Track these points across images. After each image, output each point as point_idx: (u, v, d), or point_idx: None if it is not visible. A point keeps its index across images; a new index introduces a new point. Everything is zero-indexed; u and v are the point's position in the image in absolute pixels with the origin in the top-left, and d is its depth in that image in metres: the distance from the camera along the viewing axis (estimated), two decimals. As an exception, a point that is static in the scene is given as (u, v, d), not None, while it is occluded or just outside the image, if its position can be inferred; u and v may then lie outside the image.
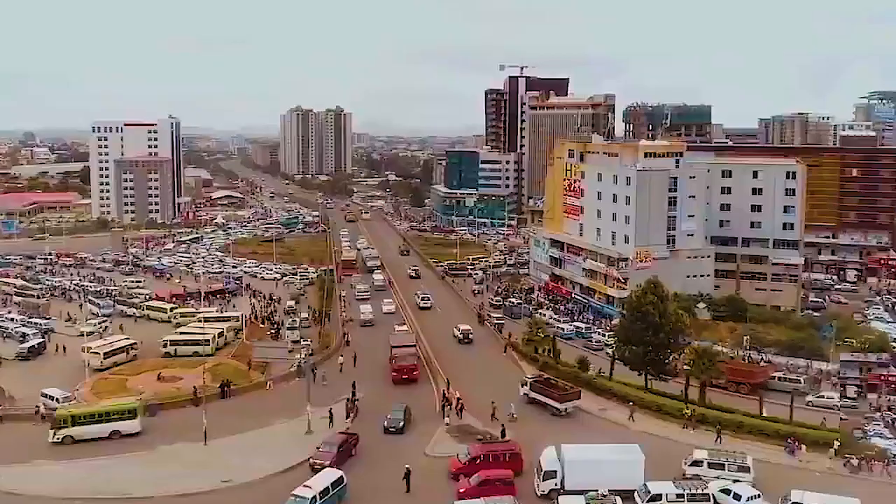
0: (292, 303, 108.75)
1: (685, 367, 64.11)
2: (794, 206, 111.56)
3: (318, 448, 47.84)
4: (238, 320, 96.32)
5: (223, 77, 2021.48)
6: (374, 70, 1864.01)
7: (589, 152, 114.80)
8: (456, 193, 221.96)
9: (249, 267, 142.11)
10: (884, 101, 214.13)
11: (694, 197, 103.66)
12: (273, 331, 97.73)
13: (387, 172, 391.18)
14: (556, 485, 43.79)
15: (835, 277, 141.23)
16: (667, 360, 64.74)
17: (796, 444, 50.61)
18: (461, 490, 42.76)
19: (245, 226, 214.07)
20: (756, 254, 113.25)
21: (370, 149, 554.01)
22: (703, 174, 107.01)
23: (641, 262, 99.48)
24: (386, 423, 53.75)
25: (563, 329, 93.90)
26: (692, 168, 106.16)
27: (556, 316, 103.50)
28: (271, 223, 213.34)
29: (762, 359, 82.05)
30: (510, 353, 74.06)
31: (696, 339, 74.57)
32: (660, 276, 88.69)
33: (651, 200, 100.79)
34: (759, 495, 42.41)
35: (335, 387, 62.45)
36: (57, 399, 60.73)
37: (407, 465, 44.92)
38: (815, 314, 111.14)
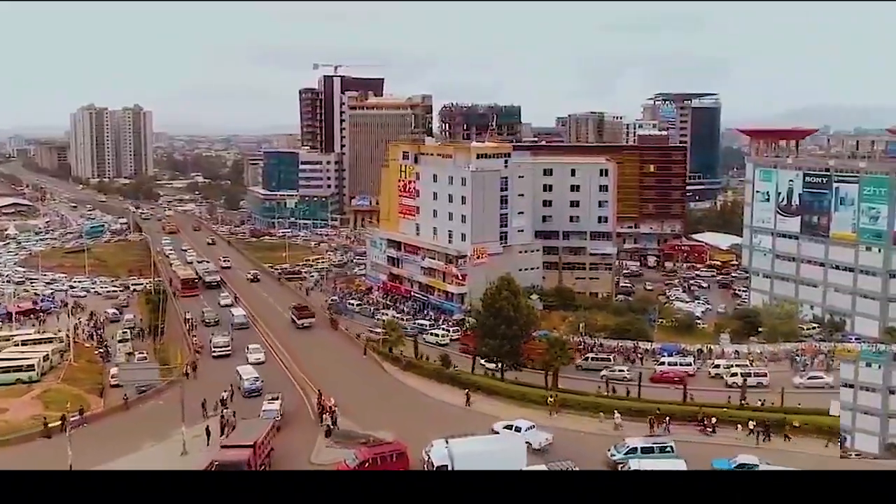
0: (130, 316, 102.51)
1: (542, 355, 68.65)
2: (607, 201, 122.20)
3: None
4: (62, 341, 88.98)
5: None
6: (171, 66, 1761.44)
7: (423, 154, 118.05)
8: (276, 195, 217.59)
9: (73, 282, 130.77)
10: (667, 101, 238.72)
11: (523, 195, 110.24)
12: (102, 350, 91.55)
13: (193, 174, 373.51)
14: (448, 479, 45.42)
15: (637, 264, 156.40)
16: (521, 351, 69.19)
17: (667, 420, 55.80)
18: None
19: (41, 237, 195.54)
20: (575, 246, 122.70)
21: (170, 149, 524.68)
22: (531, 173, 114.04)
23: (478, 258, 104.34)
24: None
25: (405, 328, 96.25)
26: (520, 167, 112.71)
27: (398, 315, 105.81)
28: (73, 232, 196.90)
29: (595, 343, 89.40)
30: (371, 355, 75.04)
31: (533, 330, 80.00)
32: (495, 270, 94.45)
33: (485, 199, 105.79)
34: (533, 426, 51.60)
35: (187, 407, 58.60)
36: None
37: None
38: (628, 298, 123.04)
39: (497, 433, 52.09)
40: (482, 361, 72.61)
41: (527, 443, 49.22)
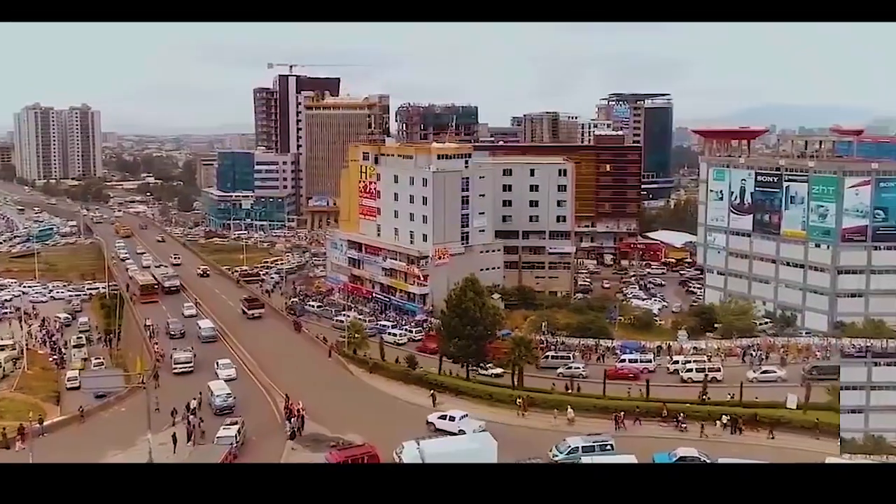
0: (85, 319, 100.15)
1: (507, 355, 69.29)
2: (565, 201, 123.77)
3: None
4: (14, 348, 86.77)
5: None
6: (117, 64, 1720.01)
7: (383, 155, 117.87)
8: (231, 196, 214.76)
9: (24, 287, 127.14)
10: (621, 102, 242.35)
11: (484, 195, 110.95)
12: (57, 357, 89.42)
13: (144, 175, 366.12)
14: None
15: (594, 262, 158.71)
16: (487, 352, 69.78)
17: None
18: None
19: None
20: (534, 245, 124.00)
21: (119, 149, 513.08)
22: (491, 173, 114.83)
23: (440, 259, 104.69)
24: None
25: (366, 329, 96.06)
26: (480, 168, 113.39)
27: (360, 316, 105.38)
28: (20, 236, 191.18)
29: (557, 342, 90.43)
30: (336, 358, 74.70)
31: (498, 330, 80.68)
32: (457, 270, 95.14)
33: (446, 200, 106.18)
34: (466, 415, 53.87)
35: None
36: None
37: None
38: (587, 296, 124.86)
39: (432, 423, 54.47)
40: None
41: (460, 430, 52.57)
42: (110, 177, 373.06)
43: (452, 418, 54.18)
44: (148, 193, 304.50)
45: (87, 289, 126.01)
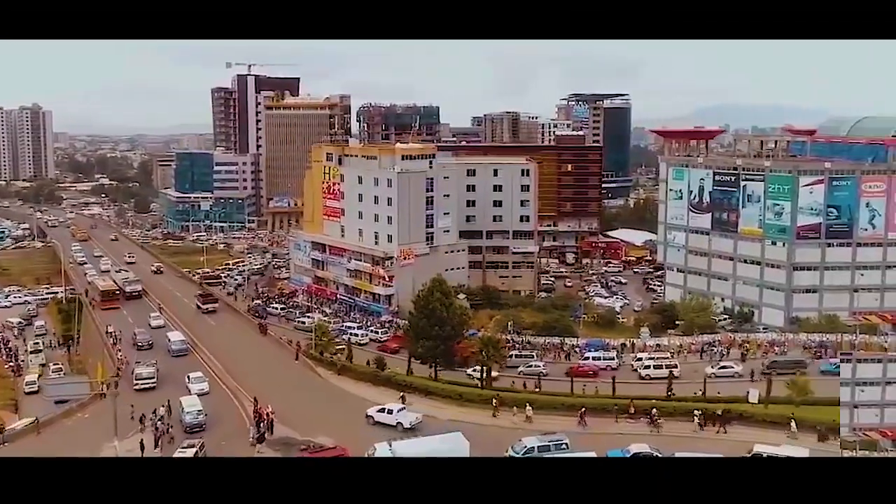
0: (41, 323, 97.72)
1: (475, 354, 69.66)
2: (528, 201, 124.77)
3: None
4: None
5: None
6: (68, 63, 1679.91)
7: (347, 155, 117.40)
8: (190, 197, 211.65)
9: None
10: (580, 102, 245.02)
11: (448, 196, 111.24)
12: (14, 364, 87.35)
13: (98, 176, 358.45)
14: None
15: (556, 261, 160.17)
16: (454, 352, 70.05)
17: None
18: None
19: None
20: (498, 245, 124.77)
21: (71, 150, 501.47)
22: (455, 174, 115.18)
23: (405, 259, 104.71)
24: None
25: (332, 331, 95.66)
26: (444, 168, 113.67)
27: (325, 318, 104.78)
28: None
29: (523, 340, 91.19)
30: (303, 360, 74.21)
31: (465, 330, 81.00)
32: (422, 271, 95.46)
33: (411, 200, 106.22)
34: (404, 408, 56.05)
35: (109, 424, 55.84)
36: None
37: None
38: (550, 295, 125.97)
39: (371, 417, 56.38)
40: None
41: (398, 422, 54.81)
42: (63, 178, 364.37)
43: (390, 411, 56.29)
44: (103, 195, 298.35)
45: (46, 293, 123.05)
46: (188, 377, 66.20)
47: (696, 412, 55.32)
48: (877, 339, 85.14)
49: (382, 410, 56.67)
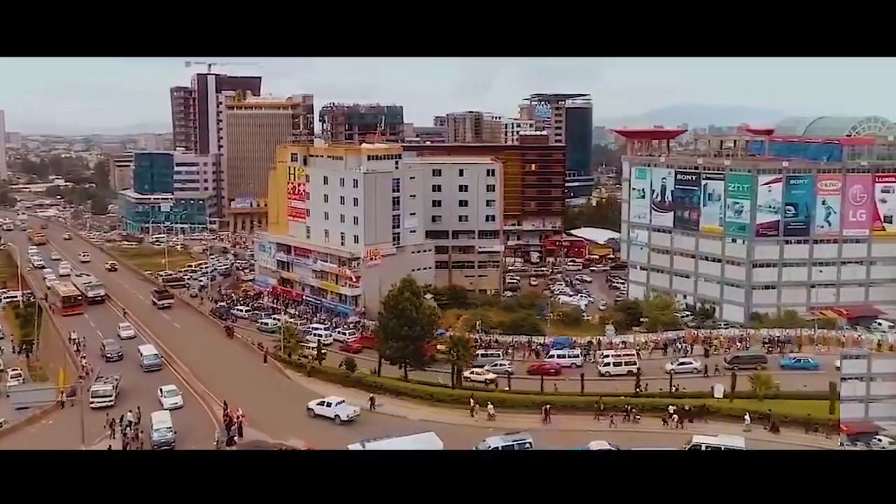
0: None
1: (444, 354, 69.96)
2: (494, 200, 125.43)
3: None
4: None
5: None
6: (17, 61, 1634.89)
7: (312, 156, 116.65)
8: (149, 198, 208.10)
9: None
10: (542, 102, 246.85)
11: (415, 196, 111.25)
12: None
13: (52, 177, 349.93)
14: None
15: (521, 260, 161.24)
16: (424, 352, 70.24)
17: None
18: None
19: None
20: (464, 244, 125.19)
21: (24, 150, 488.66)
22: (421, 174, 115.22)
23: (372, 260, 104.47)
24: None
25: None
26: (410, 168, 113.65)
27: (291, 320, 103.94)
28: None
29: (490, 340, 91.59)
30: (272, 362, 73.68)
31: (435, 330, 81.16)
32: (389, 271, 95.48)
33: (377, 201, 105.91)
34: (343, 401, 58.82)
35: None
36: None
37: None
38: (515, 294, 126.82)
39: (312, 410, 58.99)
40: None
41: (336, 415, 57.79)
42: (15, 179, 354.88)
43: (329, 404, 59.02)
44: (58, 196, 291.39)
45: (3, 297, 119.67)
46: (161, 390, 62.92)
47: (670, 408, 56.35)
48: (834, 333, 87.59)
49: (322, 403, 59.39)
